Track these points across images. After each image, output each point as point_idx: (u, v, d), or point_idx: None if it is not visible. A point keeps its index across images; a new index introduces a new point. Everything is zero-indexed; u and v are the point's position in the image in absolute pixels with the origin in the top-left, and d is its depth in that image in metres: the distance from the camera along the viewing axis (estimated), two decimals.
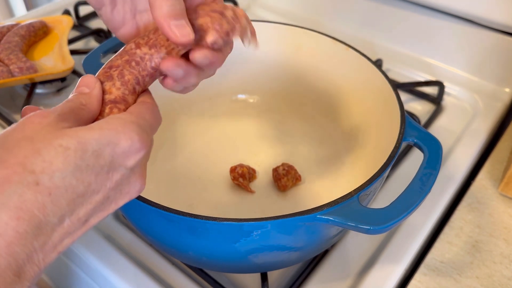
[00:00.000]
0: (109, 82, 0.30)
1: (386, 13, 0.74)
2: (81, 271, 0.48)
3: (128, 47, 0.32)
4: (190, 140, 0.57)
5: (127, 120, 0.27)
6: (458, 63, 0.71)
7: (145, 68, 0.32)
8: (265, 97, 0.61)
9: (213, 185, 0.51)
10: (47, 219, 0.23)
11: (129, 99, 0.31)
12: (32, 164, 0.22)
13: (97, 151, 0.25)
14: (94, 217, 0.26)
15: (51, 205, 0.23)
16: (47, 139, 0.23)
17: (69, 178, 0.23)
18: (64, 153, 0.23)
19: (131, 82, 0.31)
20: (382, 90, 0.47)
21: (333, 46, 0.54)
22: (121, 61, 0.31)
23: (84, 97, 0.28)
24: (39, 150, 0.23)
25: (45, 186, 0.23)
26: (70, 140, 0.24)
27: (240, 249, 0.35)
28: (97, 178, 0.25)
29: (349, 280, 0.44)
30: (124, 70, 0.31)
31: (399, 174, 0.55)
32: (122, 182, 0.27)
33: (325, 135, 0.57)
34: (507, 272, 0.45)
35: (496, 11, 0.63)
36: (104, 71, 0.31)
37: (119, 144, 0.26)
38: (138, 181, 0.28)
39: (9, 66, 0.62)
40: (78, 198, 0.24)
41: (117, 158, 0.26)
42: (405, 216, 0.34)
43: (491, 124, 0.62)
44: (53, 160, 0.23)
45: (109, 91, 0.30)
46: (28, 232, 0.22)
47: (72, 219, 0.24)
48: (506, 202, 0.51)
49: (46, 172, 0.23)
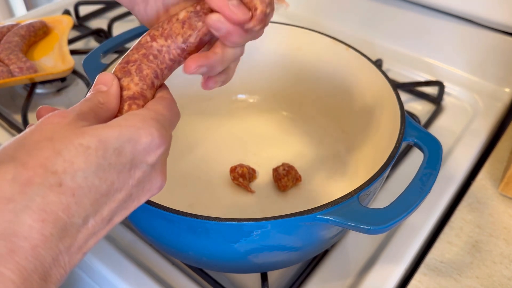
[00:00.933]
0: (127, 78, 0.30)
1: (386, 13, 0.74)
2: (81, 271, 0.48)
3: (143, 40, 0.31)
4: (190, 140, 0.57)
5: (146, 116, 0.27)
6: (458, 63, 0.71)
7: (163, 61, 0.31)
8: (265, 97, 0.61)
9: (213, 185, 0.51)
10: (71, 221, 0.23)
11: (148, 94, 0.30)
12: (53, 165, 0.22)
13: (118, 149, 0.24)
14: (118, 215, 0.26)
15: (75, 206, 0.23)
16: (67, 139, 0.23)
17: (92, 177, 0.23)
18: (85, 152, 0.23)
19: (150, 77, 0.30)
20: (382, 90, 0.47)
21: (333, 46, 0.54)
22: (138, 55, 0.30)
23: (102, 95, 0.28)
24: (60, 150, 0.23)
25: (68, 186, 0.22)
26: (90, 139, 0.23)
27: (240, 249, 0.35)
28: (120, 176, 0.25)
29: (349, 280, 0.44)
30: (142, 65, 0.30)
31: (399, 174, 0.55)
32: (144, 179, 0.26)
33: (325, 135, 0.57)
34: (507, 272, 0.45)
35: (496, 11, 0.63)
36: (121, 66, 0.30)
37: (139, 141, 0.25)
38: (159, 177, 0.28)
39: (9, 66, 0.62)
40: (101, 198, 0.24)
41: (138, 155, 0.25)
42: (405, 216, 0.34)
43: (491, 124, 0.62)
44: (75, 160, 0.23)
45: (127, 87, 0.29)
46: (54, 235, 0.22)
47: (96, 219, 0.24)
48: (506, 202, 0.51)
49: (68, 172, 0.22)
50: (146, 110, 0.28)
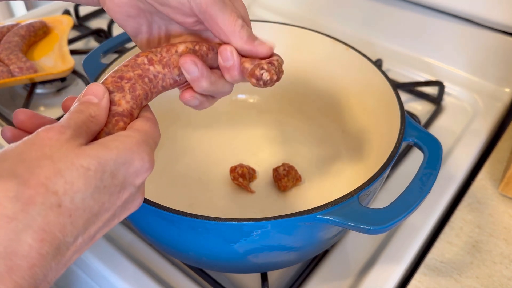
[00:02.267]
0: (119, 94, 0.30)
1: (386, 13, 0.74)
2: (81, 271, 0.48)
3: (140, 61, 0.31)
4: (190, 140, 0.57)
5: (139, 139, 0.27)
6: (458, 63, 0.71)
7: (156, 86, 0.32)
8: (265, 97, 0.61)
9: (213, 185, 0.51)
10: (65, 240, 0.23)
11: (135, 113, 0.30)
12: (54, 185, 0.22)
13: (114, 172, 0.25)
14: (100, 232, 0.26)
15: (71, 226, 0.23)
16: (68, 159, 0.23)
17: (89, 199, 0.24)
18: (85, 174, 0.23)
19: (141, 97, 0.31)
20: (382, 90, 0.47)
21: (333, 46, 0.54)
22: (133, 74, 0.31)
23: (93, 108, 0.28)
24: (61, 170, 0.23)
25: (66, 207, 0.23)
26: (91, 161, 0.24)
27: (240, 249, 0.35)
28: (110, 197, 0.25)
29: (349, 280, 0.44)
30: (137, 85, 0.30)
31: (399, 174, 0.55)
32: (129, 199, 0.27)
33: (325, 135, 0.57)
34: (507, 272, 0.45)
35: (496, 11, 0.63)
36: (114, 81, 0.30)
37: (132, 165, 0.26)
38: (140, 197, 0.29)
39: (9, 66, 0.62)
40: (92, 217, 0.24)
41: (129, 177, 0.26)
42: (405, 216, 0.34)
43: (491, 124, 0.62)
44: (75, 181, 0.23)
45: (118, 103, 0.29)
46: (49, 253, 0.22)
47: (84, 237, 0.25)
48: (506, 202, 0.51)
49: (68, 193, 0.23)
50: (137, 132, 0.28)
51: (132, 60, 0.32)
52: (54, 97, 0.67)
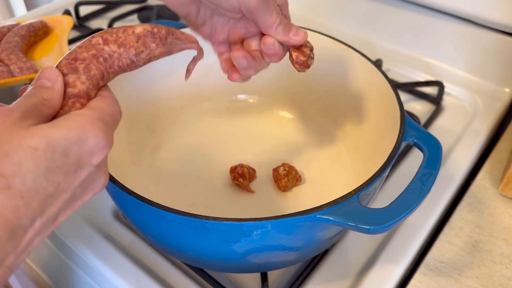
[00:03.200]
0: (73, 75, 0.29)
1: (386, 13, 0.74)
2: (81, 271, 0.48)
3: (95, 41, 0.31)
4: (190, 140, 0.57)
5: (93, 117, 0.27)
6: (458, 63, 0.71)
7: (112, 66, 0.31)
8: (265, 97, 0.61)
9: (213, 185, 0.51)
10: (20, 222, 0.23)
11: (92, 94, 0.30)
12: (1, 167, 0.22)
13: (65, 151, 0.24)
14: (62, 214, 0.26)
15: (24, 208, 0.23)
16: (15, 140, 0.23)
17: (40, 179, 0.23)
18: (33, 154, 0.23)
19: (97, 77, 0.30)
20: (382, 90, 0.47)
21: (333, 46, 0.54)
22: (87, 55, 0.31)
23: (46, 91, 0.27)
24: (8, 152, 0.22)
25: (17, 189, 0.22)
26: (39, 141, 0.23)
27: (240, 249, 0.35)
28: (66, 177, 0.25)
29: (349, 280, 0.44)
30: (91, 65, 0.30)
31: (399, 174, 0.55)
32: (88, 179, 0.27)
33: (325, 135, 0.57)
34: (507, 272, 0.45)
35: (496, 11, 0.63)
36: (68, 62, 0.30)
37: (86, 143, 0.25)
38: (103, 176, 0.28)
39: (9, 66, 0.62)
40: (48, 199, 0.24)
41: (84, 156, 0.26)
42: (405, 216, 0.34)
43: (491, 124, 0.62)
44: (23, 162, 0.23)
45: (72, 84, 0.29)
46: (2, 237, 0.22)
47: (42, 220, 0.24)
48: (506, 202, 0.51)
49: (17, 175, 0.22)
50: (92, 110, 0.27)
51: (87, 41, 0.32)
52: None
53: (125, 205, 0.38)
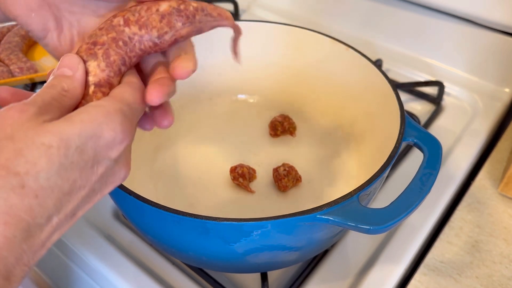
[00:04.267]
0: (93, 62, 0.28)
1: (386, 13, 0.74)
2: (81, 271, 0.48)
3: (116, 22, 0.29)
4: (190, 140, 0.57)
5: (109, 108, 0.25)
6: (458, 63, 0.71)
7: (133, 49, 0.29)
8: (265, 97, 0.61)
9: (213, 185, 0.51)
10: (35, 221, 0.22)
11: (114, 81, 0.28)
12: (15, 166, 0.22)
13: (80, 147, 0.24)
14: (81, 209, 0.26)
15: (38, 207, 0.22)
16: (28, 138, 0.22)
17: (54, 178, 0.23)
18: (47, 152, 0.22)
19: (117, 63, 0.28)
20: (382, 90, 0.47)
21: (333, 46, 0.54)
22: (107, 38, 0.28)
23: (66, 81, 0.26)
24: (21, 150, 0.22)
25: (31, 188, 0.22)
26: (52, 138, 0.23)
27: (240, 249, 0.35)
28: (82, 174, 0.24)
29: (349, 280, 0.44)
30: (110, 50, 0.28)
31: (399, 174, 0.55)
32: (107, 173, 0.26)
33: (325, 135, 0.57)
34: (507, 272, 0.45)
35: (496, 11, 0.63)
36: (88, 47, 0.28)
37: (102, 137, 0.25)
38: (123, 169, 0.27)
39: (9, 66, 0.62)
40: (64, 197, 0.24)
41: (100, 151, 0.25)
42: (405, 216, 0.34)
43: (491, 124, 0.62)
44: (37, 161, 0.22)
45: (93, 73, 0.27)
46: (17, 236, 0.22)
47: (59, 217, 0.24)
48: (506, 202, 0.51)
49: (31, 173, 0.22)
50: (110, 100, 0.26)
51: (109, 21, 0.29)
52: None
53: (125, 205, 0.38)
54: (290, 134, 0.57)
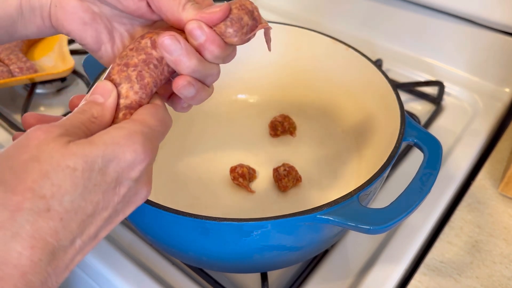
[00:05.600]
0: (126, 84, 0.28)
1: (386, 13, 0.74)
2: (81, 271, 0.48)
3: (144, 44, 0.29)
4: (190, 140, 0.57)
5: (131, 130, 0.26)
6: (458, 63, 0.71)
7: (163, 73, 0.29)
8: (265, 97, 0.61)
9: (213, 185, 0.51)
10: (59, 244, 0.23)
11: (145, 102, 0.28)
12: (41, 188, 0.22)
13: (103, 169, 0.24)
14: (104, 231, 0.26)
15: (63, 230, 0.23)
16: (54, 160, 0.23)
17: (78, 200, 0.23)
18: (72, 175, 0.23)
19: (150, 86, 0.28)
20: (382, 90, 0.47)
21: (333, 46, 0.54)
22: (138, 60, 0.28)
23: (97, 108, 0.27)
24: (47, 172, 0.22)
25: (56, 211, 0.22)
26: (77, 161, 0.23)
27: (240, 249, 0.35)
28: (105, 195, 0.25)
29: (349, 280, 0.44)
30: (144, 72, 0.28)
31: (399, 174, 0.55)
32: (129, 193, 0.26)
33: (325, 135, 0.57)
34: (507, 272, 0.45)
35: (496, 11, 0.63)
36: (120, 69, 0.28)
37: (123, 159, 0.25)
38: (144, 188, 0.28)
39: (9, 66, 0.62)
40: (88, 218, 0.24)
41: (122, 172, 0.25)
42: (405, 216, 0.34)
43: (491, 124, 0.62)
44: (62, 184, 0.22)
45: (125, 95, 0.28)
46: (42, 260, 0.22)
47: (83, 239, 0.24)
48: (506, 202, 0.51)
49: (56, 196, 0.22)
50: (131, 123, 0.27)
51: (137, 42, 0.29)
52: (54, 97, 0.67)
53: None
54: (290, 134, 0.57)
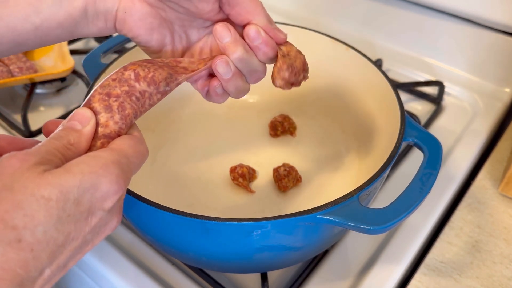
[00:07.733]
0: (106, 114, 0.28)
1: (386, 13, 0.74)
2: (81, 271, 0.48)
3: (127, 75, 0.29)
4: (190, 140, 0.57)
5: (108, 160, 0.25)
6: (458, 63, 0.71)
7: (143, 105, 0.30)
8: (265, 97, 0.61)
9: (213, 185, 0.51)
10: (28, 275, 0.22)
11: (123, 133, 0.29)
12: (13, 219, 0.21)
13: (78, 199, 0.24)
14: (72, 260, 0.25)
15: (33, 261, 0.22)
16: (28, 190, 0.22)
17: (51, 231, 0.23)
18: (46, 205, 0.22)
19: (130, 117, 0.29)
20: (382, 90, 0.47)
21: (333, 46, 0.54)
22: (120, 91, 0.29)
23: (74, 135, 0.27)
24: (20, 202, 0.22)
25: (27, 242, 0.22)
26: (52, 190, 0.23)
27: (240, 249, 0.35)
28: (76, 225, 0.24)
29: (349, 280, 0.44)
30: (125, 103, 0.28)
31: (399, 174, 0.55)
32: (100, 224, 0.26)
33: (325, 135, 0.57)
34: (507, 272, 0.45)
35: (496, 11, 0.63)
36: (101, 98, 0.28)
37: (99, 189, 0.25)
38: (115, 219, 0.27)
39: (9, 66, 0.62)
40: (58, 249, 0.24)
41: (96, 202, 0.25)
42: (405, 216, 0.34)
43: (491, 124, 0.62)
44: (35, 214, 0.22)
45: (105, 124, 0.28)
46: None
47: (52, 269, 0.24)
48: (506, 202, 0.51)
49: (28, 227, 0.22)
50: (110, 152, 0.26)
51: (120, 73, 0.29)
52: (54, 97, 0.67)
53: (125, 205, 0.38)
54: (290, 134, 0.57)
